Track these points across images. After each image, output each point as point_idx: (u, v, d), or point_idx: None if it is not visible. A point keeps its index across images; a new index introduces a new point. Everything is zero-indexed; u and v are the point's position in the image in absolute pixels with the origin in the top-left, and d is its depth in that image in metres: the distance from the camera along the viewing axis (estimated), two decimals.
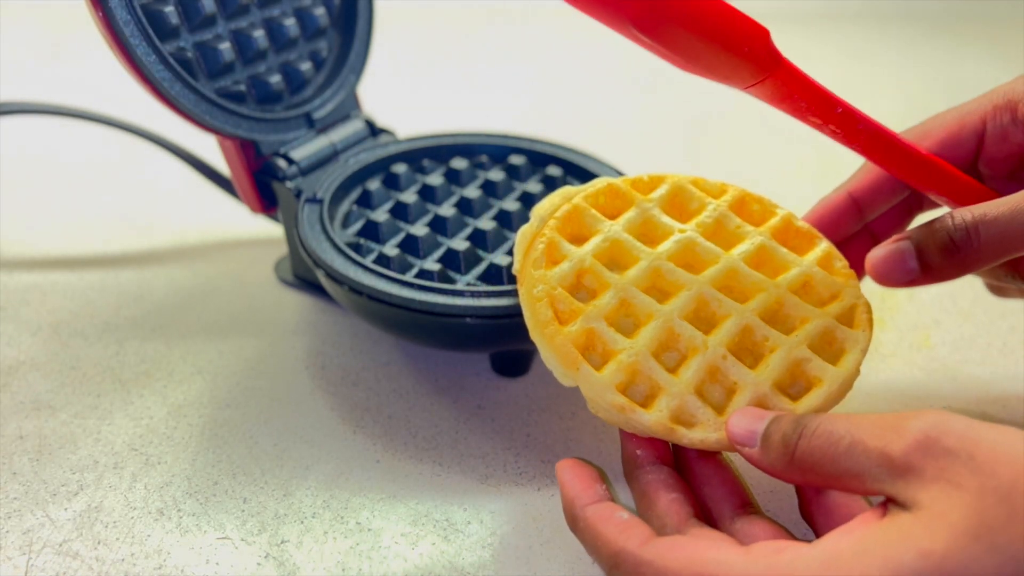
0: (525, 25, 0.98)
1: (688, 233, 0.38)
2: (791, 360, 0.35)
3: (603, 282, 0.37)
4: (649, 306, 0.36)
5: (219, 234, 0.59)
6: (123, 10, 0.43)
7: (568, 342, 0.35)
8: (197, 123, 0.47)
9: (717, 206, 0.40)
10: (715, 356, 0.35)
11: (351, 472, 0.41)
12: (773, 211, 0.40)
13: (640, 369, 0.35)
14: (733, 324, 0.36)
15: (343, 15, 0.54)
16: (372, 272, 0.42)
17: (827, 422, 0.30)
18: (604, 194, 0.39)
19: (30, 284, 0.54)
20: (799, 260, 0.38)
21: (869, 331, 0.37)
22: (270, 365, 0.47)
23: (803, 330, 0.36)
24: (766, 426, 0.32)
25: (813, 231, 0.40)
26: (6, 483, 0.40)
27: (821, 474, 0.30)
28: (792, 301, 0.37)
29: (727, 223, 0.39)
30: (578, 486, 0.33)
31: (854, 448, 0.29)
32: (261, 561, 0.36)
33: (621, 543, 0.31)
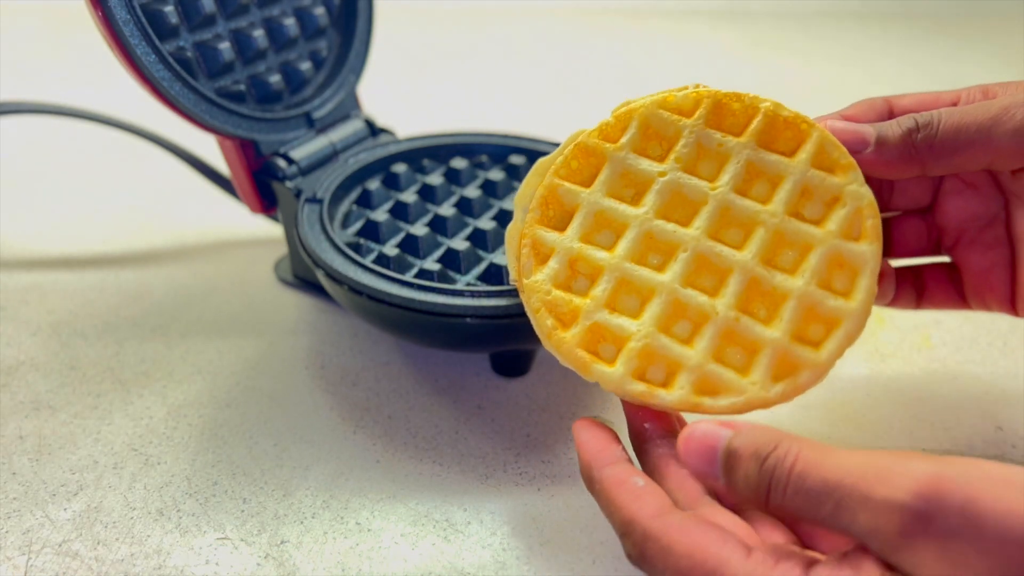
0: (525, 25, 0.98)
1: (669, 175, 0.36)
2: (804, 307, 0.34)
3: (596, 265, 0.35)
4: (649, 280, 0.35)
5: (219, 234, 0.59)
6: (123, 10, 0.43)
7: (574, 348, 0.34)
8: (197, 123, 0.47)
9: (692, 127, 0.36)
10: (727, 320, 0.34)
11: (351, 472, 0.41)
12: (756, 107, 0.36)
13: (653, 351, 0.34)
14: (738, 280, 0.34)
15: (343, 15, 0.54)
16: (372, 272, 0.42)
17: (797, 473, 0.28)
18: (575, 158, 0.37)
19: (30, 284, 0.54)
20: (791, 166, 0.35)
21: (877, 243, 0.34)
22: (270, 365, 0.47)
23: (809, 264, 0.34)
24: (722, 458, 0.30)
25: (801, 118, 0.36)
26: (6, 483, 0.40)
27: (805, 522, 0.29)
28: (792, 228, 0.35)
29: (707, 143, 0.36)
30: (595, 446, 0.33)
31: (839, 514, 0.27)
32: (261, 561, 0.36)
33: (633, 511, 0.30)
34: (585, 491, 0.39)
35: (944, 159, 0.35)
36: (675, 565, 0.29)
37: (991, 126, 0.34)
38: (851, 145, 0.35)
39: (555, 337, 0.35)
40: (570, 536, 0.38)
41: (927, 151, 0.35)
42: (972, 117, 0.35)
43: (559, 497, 0.39)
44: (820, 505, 0.27)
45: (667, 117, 0.37)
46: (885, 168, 0.36)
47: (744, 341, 0.34)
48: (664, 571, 0.29)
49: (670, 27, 0.97)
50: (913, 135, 0.35)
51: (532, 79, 0.86)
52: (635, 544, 0.30)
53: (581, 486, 0.40)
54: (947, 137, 0.35)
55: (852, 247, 0.34)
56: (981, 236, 0.40)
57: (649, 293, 0.35)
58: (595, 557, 0.37)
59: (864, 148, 0.35)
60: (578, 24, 0.98)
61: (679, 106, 0.37)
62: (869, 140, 0.35)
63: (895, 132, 0.35)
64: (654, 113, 0.37)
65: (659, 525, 0.30)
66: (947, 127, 0.35)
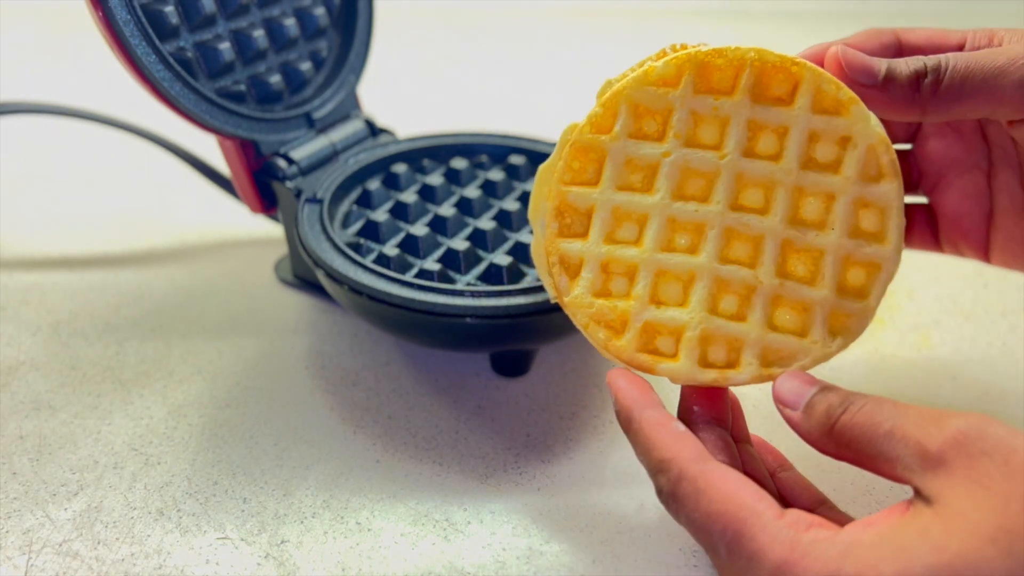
0: (525, 25, 0.98)
1: (673, 155, 0.35)
2: (841, 258, 0.34)
3: (629, 263, 0.35)
4: (686, 264, 0.35)
5: (219, 234, 0.59)
6: (123, 10, 0.43)
7: (634, 353, 0.34)
8: (197, 123, 0.47)
9: (682, 98, 0.35)
10: (772, 287, 0.34)
11: (351, 472, 0.41)
12: (741, 59, 0.35)
13: (710, 334, 0.34)
14: (772, 246, 0.34)
15: (343, 15, 0.54)
16: (372, 272, 0.42)
17: (872, 403, 0.30)
18: (575, 158, 0.36)
19: (30, 284, 0.54)
20: (793, 114, 0.35)
21: (897, 180, 0.34)
22: (270, 365, 0.47)
23: (837, 215, 0.34)
24: (813, 394, 0.32)
25: (789, 59, 0.35)
26: (6, 483, 0.40)
27: (856, 452, 0.30)
28: (811, 181, 0.34)
29: (702, 110, 0.35)
30: (634, 391, 0.33)
31: (893, 434, 0.29)
32: (261, 561, 0.36)
33: (675, 451, 0.31)
34: (585, 491, 0.39)
35: (946, 106, 0.35)
36: (706, 509, 0.29)
37: (997, 76, 0.34)
38: (859, 75, 0.35)
39: (613, 347, 0.35)
40: (570, 536, 0.38)
41: (931, 97, 0.34)
42: (979, 65, 0.34)
43: (559, 497, 0.39)
44: (880, 424, 0.29)
45: (654, 92, 0.35)
46: (888, 106, 0.35)
47: (793, 304, 0.34)
48: (694, 512, 0.30)
49: (670, 27, 0.97)
50: (921, 78, 0.34)
51: (532, 79, 0.86)
52: (669, 481, 0.31)
53: (581, 486, 0.40)
54: (953, 84, 0.34)
55: (875, 189, 0.34)
56: (960, 182, 0.40)
57: (690, 278, 0.35)
58: (595, 557, 0.37)
59: (872, 81, 0.35)
60: (578, 24, 0.98)
61: (662, 77, 0.35)
62: (878, 73, 0.34)
63: (904, 72, 0.34)
64: (640, 91, 0.35)
65: (698, 468, 0.30)
66: (954, 74, 0.34)
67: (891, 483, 0.40)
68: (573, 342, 0.49)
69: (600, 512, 0.39)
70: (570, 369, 0.47)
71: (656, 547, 0.37)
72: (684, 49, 0.35)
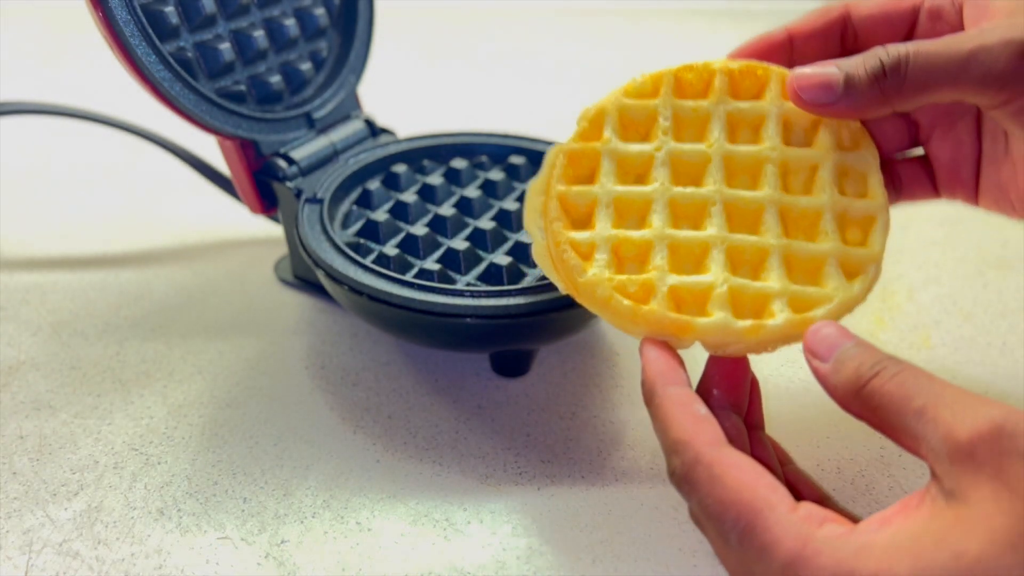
0: (525, 25, 0.98)
1: (664, 149, 0.37)
2: (838, 215, 0.36)
3: (642, 243, 0.36)
4: (699, 238, 0.35)
5: (219, 234, 0.59)
6: (123, 10, 0.43)
7: (666, 313, 0.34)
8: (197, 123, 0.47)
9: (663, 104, 0.38)
10: (783, 247, 0.35)
11: (351, 472, 0.41)
12: (709, 69, 0.38)
13: (738, 291, 0.34)
14: (773, 214, 0.36)
15: (343, 15, 0.54)
16: (372, 272, 0.42)
17: (907, 373, 0.29)
18: (569, 165, 0.37)
19: (30, 284, 0.54)
20: (766, 107, 0.37)
21: (869, 142, 0.37)
22: (270, 365, 0.47)
23: (824, 180, 0.36)
24: (845, 349, 0.31)
25: (754, 65, 0.38)
26: (6, 483, 0.40)
27: (881, 418, 0.29)
28: (794, 156, 0.37)
29: (683, 113, 0.38)
30: (661, 365, 0.33)
31: (924, 412, 0.28)
32: (261, 561, 0.36)
33: (690, 434, 0.30)
34: (585, 491, 0.40)
35: (912, 99, 0.35)
36: (719, 495, 0.29)
37: (960, 70, 0.33)
38: (820, 95, 0.35)
39: (642, 312, 0.34)
40: (570, 536, 0.38)
41: (895, 94, 0.34)
42: (943, 58, 0.33)
43: (559, 497, 0.39)
44: (911, 398, 0.28)
45: (636, 103, 0.38)
46: (855, 114, 0.36)
47: (805, 261, 0.35)
48: (706, 497, 0.29)
49: (670, 27, 0.97)
50: (881, 81, 0.34)
51: (532, 79, 0.86)
52: (683, 464, 0.30)
53: (581, 486, 0.40)
54: (917, 79, 0.34)
55: (852, 156, 0.36)
56: (953, 130, 0.40)
57: (704, 249, 0.35)
58: (595, 557, 0.37)
59: (832, 97, 0.35)
60: (578, 24, 0.98)
61: (640, 91, 0.38)
62: (837, 87, 0.35)
63: (862, 77, 0.34)
64: (622, 104, 0.38)
65: (715, 453, 0.30)
66: (916, 68, 0.34)
67: (890, 484, 0.40)
68: (573, 342, 0.49)
69: (600, 512, 0.39)
70: (570, 369, 0.47)
71: (656, 547, 0.37)
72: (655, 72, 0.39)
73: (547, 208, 0.37)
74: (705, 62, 0.38)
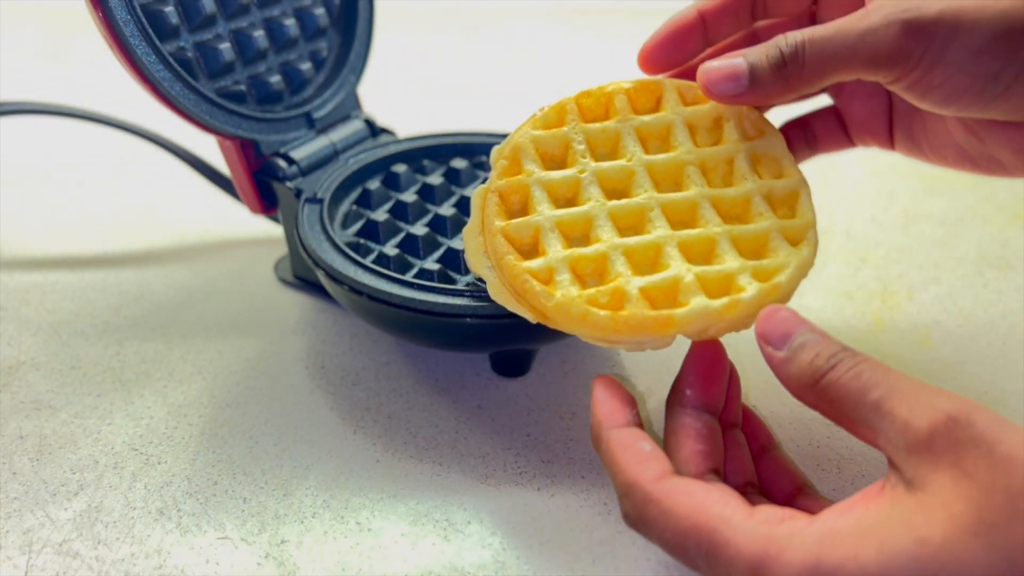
0: (525, 25, 0.98)
1: (588, 170, 0.38)
2: (765, 197, 0.37)
3: (596, 257, 0.36)
4: (649, 241, 0.36)
5: (219, 234, 0.59)
6: (123, 10, 0.43)
7: (645, 313, 0.34)
8: (197, 123, 0.47)
9: (573, 130, 0.39)
10: (726, 233, 0.36)
11: (351, 472, 0.41)
12: (604, 93, 0.40)
13: (705, 277, 0.35)
14: (707, 207, 0.37)
15: (343, 15, 0.54)
16: (372, 272, 0.42)
17: (864, 366, 0.29)
18: (500, 202, 0.38)
19: (30, 284, 0.54)
20: (670, 117, 0.39)
21: (771, 129, 0.39)
22: (270, 365, 0.47)
23: (742, 170, 0.38)
24: (800, 337, 0.31)
25: (644, 80, 0.41)
26: (6, 483, 0.40)
27: (837, 411, 0.30)
28: (709, 154, 0.38)
29: (593, 136, 0.39)
30: (608, 407, 0.33)
31: (880, 407, 0.28)
32: (261, 561, 0.36)
33: (636, 475, 0.31)
34: (585, 491, 0.40)
35: (814, 85, 0.36)
36: (675, 527, 0.29)
37: (851, 54, 0.34)
38: (728, 87, 0.36)
39: (621, 319, 0.34)
40: (570, 536, 0.38)
41: (797, 81, 0.36)
42: (835, 43, 0.34)
43: (559, 497, 0.39)
44: (868, 391, 0.29)
45: (548, 134, 0.39)
46: (760, 101, 0.37)
47: (751, 240, 0.36)
48: (664, 532, 0.30)
49: None
50: (782, 69, 0.35)
51: (532, 79, 0.86)
52: (635, 505, 0.30)
53: (581, 485, 0.40)
54: (815, 64, 0.35)
55: (760, 143, 0.38)
56: (863, 87, 0.41)
57: (657, 250, 0.36)
58: (595, 557, 0.37)
59: (739, 88, 0.36)
60: (577, 24, 0.98)
61: (547, 122, 0.40)
62: (743, 78, 0.36)
63: (765, 68, 0.36)
64: (534, 137, 0.39)
65: (661, 488, 0.30)
66: (812, 56, 0.35)
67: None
68: (573, 342, 0.48)
69: (600, 512, 0.39)
70: (570, 369, 0.47)
71: (656, 547, 0.37)
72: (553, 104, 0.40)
73: (493, 245, 0.37)
74: (600, 86, 0.40)
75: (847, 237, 0.59)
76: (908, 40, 0.33)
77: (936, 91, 0.35)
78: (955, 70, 0.34)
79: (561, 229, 0.37)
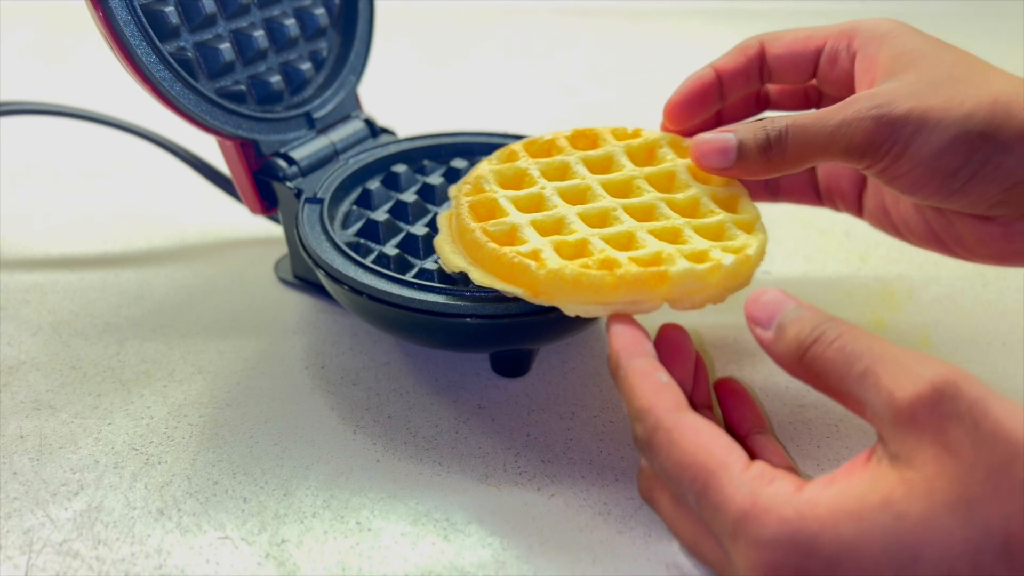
0: (525, 25, 0.98)
1: (548, 186, 0.41)
2: (711, 198, 0.40)
3: (576, 243, 0.38)
4: (622, 229, 0.39)
5: (219, 234, 0.59)
6: (123, 10, 0.43)
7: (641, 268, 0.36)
8: (197, 123, 0.47)
9: (527, 162, 0.43)
10: (686, 224, 0.39)
11: (351, 472, 0.41)
12: (547, 140, 0.44)
13: (681, 250, 0.37)
14: (663, 206, 0.40)
15: (343, 15, 0.54)
16: (372, 272, 0.42)
17: (847, 336, 0.30)
18: (473, 212, 0.40)
19: (30, 284, 0.54)
20: (610, 148, 0.43)
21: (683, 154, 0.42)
22: (270, 365, 0.47)
23: (683, 180, 0.41)
24: (785, 313, 0.32)
25: (580, 131, 0.44)
26: (6, 483, 0.40)
27: (825, 384, 0.31)
28: (653, 170, 0.42)
29: (545, 167, 0.43)
30: (626, 338, 0.34)
31: (865, 378, 0.29)
32: (261, 561, 0.36)
33: (652, 402, 0.32)
34: (585, 491, 0.40)
35: (796, 167, 0.39)
36: (678, 458, 0.30)
37: (829, 143, 0.37)
38: (716, 159, 0.39)
39: (617, 276, 0.35)
40: (570, 536, 0.38)
41: (780, 162, 0.39)
42: (813, 132, 0.38)
43: (559, 497, 0.39)
44: (853, 363, 0.29)
45: (505, 167, 0.43)
46: (745, 176, 0.40)
47: (710, 229, 0.39)
48: (666, 459, 0.31)
49: (670, 27, 0.97)
50: (767, 151, 0.39)
51: (532, 79, 0.86)
52: (646, 430, 0.32)
53: (581, 485, 0.40)
54: (796, 149, 0.38)
55: (679, 159, 0.42)
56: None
57: (630, 236, 0.38)
58: (595, 557, 0.37)
59: (728, 163, 0.39)
60: (577, 24, 0.98)
61: (502, 157, 0.43)
62: (731, 153, 0.39)
63: (752, 148, 0.39)
64: (494, 168, 0.43)
65: (673, 419, 0.31)
66: (794, 142, 0.38)
67: None
68: (573, 342, 0.49)
69: (600, 512, 0.39)
70: (570, 369, 0.47)
71: (656, 547, 0.37)
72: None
73: (471, 242, 0.39)
74: (539, 136, 0.44)
75: (847, 237, 0.59)
76: (877, 134, 0.37)
77: (901, 179, 0.38)
78: (917, 164, 0.37)
79: (536, 227, 0.39)
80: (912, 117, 0.36)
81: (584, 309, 0.36)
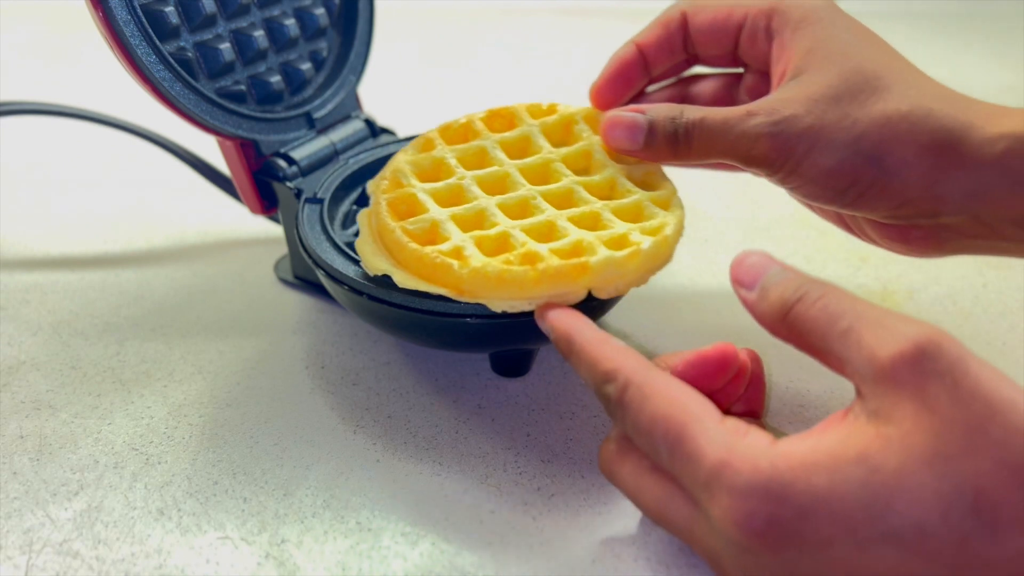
0: (525, 25, 0.98)
1: (466, 178, 0.42)
2: (628, 177, 0.41)
3: (497, 237, 0.39)
4: (543, 220, 0.40)
5: (219, 234, 0.59)
6: (123, 10, 0.43)
7: (563, 261, 0.36)
8: (197, 123, 0.47)
9: (442, 150, 0.44)
10: (607, 206, 0.40)
11: (351, 472, 0.41)
12: (461, 124, 0.45)
13: (600, 237, 0.38)
14: (580, 191, 0.41)
15: (343, 15, 0.54)
16: None
17: (831, 296, 0.30)
18: (391, 210, 0.41)
19: (30, 284, 0.54)
20: (527, 129, 0.44)
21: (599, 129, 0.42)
22: (270, 365, 0.47)
23: (600, 159, 0.42)
24: (769, 275, 0.32)
25: (495, 111, 0.45)
26: (6, 483, 0.40)
27: (808, 343, 0.31)
28: (569, 151, 0.43)
29: (463, 153, 0.43)
30: (569, 319, 0.35)
31: (847, 336, 0.29)
32: (261, 561, 0.36)
33: (618, 362, 0.32)
34: (585, 490, 0.40)
35: (699, 162, 0.40)
36: (651, 413, 0.30)
37: (731, 147, 0.38)
38: (624, 137, 0.40)
39: (539, 270, 0.36)
40: (570, 536, 0.38)
41: (685, 155, 0.40)
42: (719, 133, 0.38)
43: (559, 497, 0.39)
44: (835, 322, 0.29)
45: (422, 157, 0.43)
46: (652, 160, 0.41)
47: (626, 210, 0.40)
48: (639, 414, 0.31)
49: None
50: (674, 142, 0.39)
51: (532, 79, 0.86)
52: (617, 389, 0.32)
53: (581, 485, 0.40)
54: (700, 147, 0.39)
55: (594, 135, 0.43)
56: None
57: (550, 226, 0.39)
58: (595, 557, 0.37)
59: (635, 145, 0.40)
60: (577, 24, 0.98)
61: (418, 147, 0.44)
62: (640, 135, 0.40)
63: (660, 135, 0.39)
64: (411, 159, 0.43)
65: (644, 375, 0.31)
66: (700, 139, 0.39)
67: None
68: None
69: (600, 512, 0.39)
70: (570, 369, 0.47)
71: (656, 547, 0.37)
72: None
73: (392, 241, 0.39)
74: (455, 120, 0.45)
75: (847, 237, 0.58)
76: (773, 151, 0.38)
77: (798, 191, 0.39)
78: (809, 180, 0.38)
79: (456, 221, 0.40)
80: (806, 137, 0.37)
81: (510, 305, 0.37)
